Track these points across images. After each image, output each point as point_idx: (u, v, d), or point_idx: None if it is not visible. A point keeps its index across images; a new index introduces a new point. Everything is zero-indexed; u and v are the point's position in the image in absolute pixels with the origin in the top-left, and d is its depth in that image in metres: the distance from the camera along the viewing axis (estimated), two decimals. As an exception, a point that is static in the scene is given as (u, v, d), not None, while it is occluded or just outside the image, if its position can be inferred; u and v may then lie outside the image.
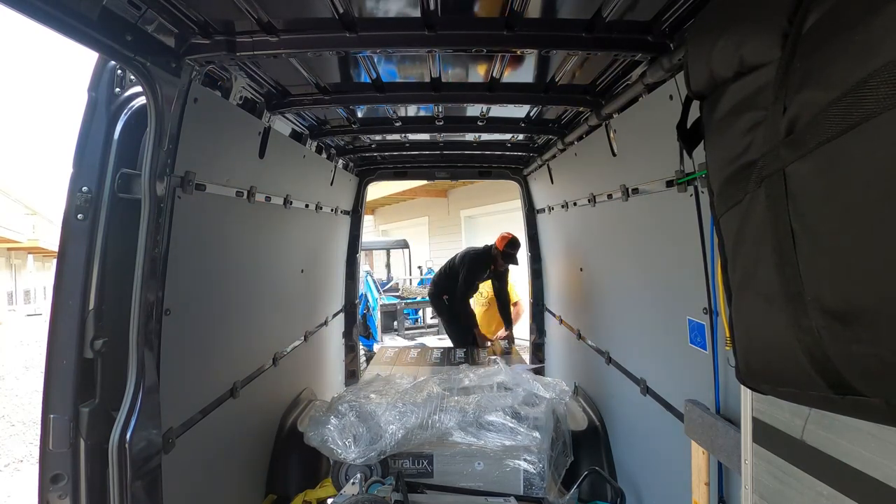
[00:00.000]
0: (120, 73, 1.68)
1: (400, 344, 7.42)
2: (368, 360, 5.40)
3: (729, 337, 1.34)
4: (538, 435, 2.49)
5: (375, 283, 8.57)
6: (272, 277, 2.92)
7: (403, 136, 3.59)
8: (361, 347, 5.87)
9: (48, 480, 1.57)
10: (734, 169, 0.97)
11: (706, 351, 1.80)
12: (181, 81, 1.74)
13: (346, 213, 4.61)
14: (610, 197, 2.73)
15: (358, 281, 5.06)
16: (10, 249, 21.74)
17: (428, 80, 2.41)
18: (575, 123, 3.02)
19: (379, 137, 3.66)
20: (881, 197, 0.68)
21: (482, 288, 5.51)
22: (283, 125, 2.89)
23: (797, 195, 0.82)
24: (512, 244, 4.89)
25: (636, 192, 2.38)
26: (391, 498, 2.11)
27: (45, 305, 21.87)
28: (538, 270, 4.89)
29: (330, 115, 3.04)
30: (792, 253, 0.83)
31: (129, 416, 1.61)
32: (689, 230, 1.85)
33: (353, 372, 4.89)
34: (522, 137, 3.65)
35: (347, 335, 4.87)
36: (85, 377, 1.61)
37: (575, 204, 3.44)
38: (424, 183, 9.60)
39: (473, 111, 3.04)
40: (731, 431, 1.55)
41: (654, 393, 2.30)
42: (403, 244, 11.50)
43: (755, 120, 0.91)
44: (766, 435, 1.22)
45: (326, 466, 2.72)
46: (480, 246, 5.24)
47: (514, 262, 4.97)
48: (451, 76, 2.44)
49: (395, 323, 8.75)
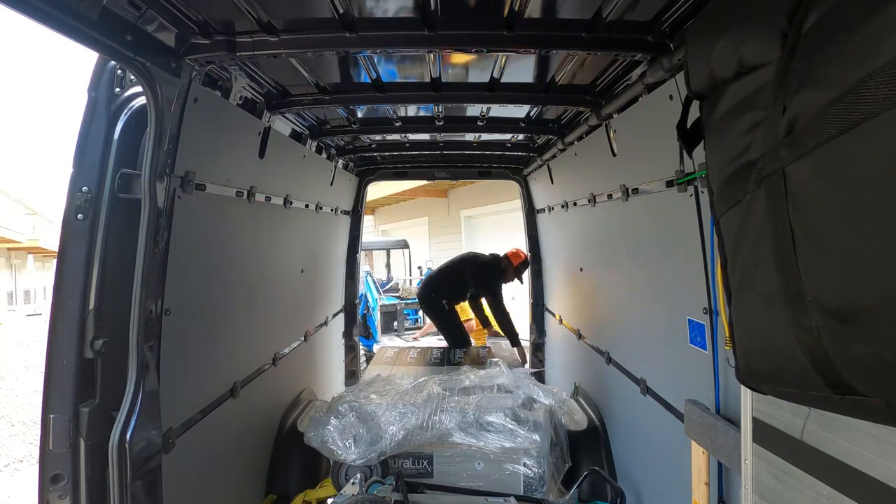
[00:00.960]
0: (120, 73, 1.68)
1: (401, 344, 7.42)
2: (368, 360, 5.40)
3: (729, 337, 1.34)
4: (538, 438, 2.49)
5: (375, 283, 8.57)
6: (272, 277, 2.93)
7: (403, 136, 3.59)
8: (361, 347, 5.87)
9: (48, 480, 1.57)
10: (734, 169, 0.97)
11: (706, 351, 1.80)
12: (181, 81, 1.74)
13: (346, 213, 4.61)
14: (610, 197, 2.73)
15: (358, 281, 5.07)
16: (10, 249, 21.74)
17: (428, 80, 2.41)
18: (575, 123, 3.03)
19: (379, 137, 3.66)
20: (881, 197, 0.68)
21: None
22: (283, 125, 2.89)
23: (797, 195, 0.82)
24: (526, 263, 4.88)
25: (636, 192, 2.38)
26: (391, 498, 2.11)
27: (45, 305, 21.86)
28: (538, 270, 4.89)
29: (330, 115, 3.04)
30: (792, 253, 0.83)
31: (129, 416, 1.61)
32: (689, 230, 1.85)
33: (353, 372, 4.89)
34: (522, 137, 3.65)
35: (347, 335, 4.88)
36: (85, 377, 1.62)
37: (575, 204, 3.44)
38: (424, 183, 9.59)
39: (473, 111, 3.04)
40: (731, 431, 1.55)
41: (654, 393, 2.30)
42: (403, 244, 11.50)
43: (755, 120, 0.91)
44: (766, 435, 1.22)
45: (326, 466, 2.72)
46: (486, 254, 5.12)
47: (521, 279, 4.95)
48: (451, 76, 2.44)
49: (395, 323, 8.75)
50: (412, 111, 3.07)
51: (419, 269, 11.00)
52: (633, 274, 2.60)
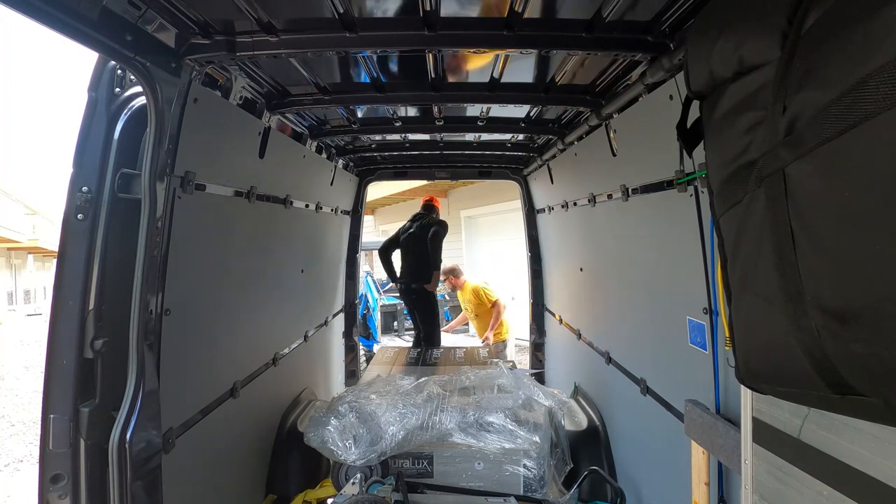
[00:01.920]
0: (120, 73, 1.68)
1: (401, 344, 7.42)
2: (368, 360, 5.40)
3: (729, 337, 1.34)
4: (538, 439, 2.49)
5: (375, 283, 8.57)
6: (272, 277, 2.93)
7: (403, 136, 3.59)
8: (361, 347, 5.87)
9: (48, 480, 1.57)
10: (734, 169, 0.97)
11: (706, 351, 1.80)
12: (181, 81, 1.74)
13: (346, 213, 4.61)
14: (610, 197, 2.73)
15: (358, 281, 5.07)
16: (10, 249, 21.76)
17: (428, 80, 2.41)
18: (575, 123, 3.03)
19: (379, 137, 3.66)
20: (880, 197, 0.68)
21: (465, 305, 5.76)
22: (283, 125, 2.89)
23: (796, 195, 0.82)
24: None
25: (636, 192, 2.38)
26: (391, 498, 2.11)
27: (45, 305, 21.87)
28: (538, 270, 4.89)
29: (330, 115, 3.04)
30: (791, 253, 0.83)
31: (129, 416, 1.61)
32: (689, 230, 1.85)
33: (353, 372, 4.89)
34: (522, 137, 3.65)
35: (347, 335, 4.88)
36: (85, 377, 1.62)
37: (575, 204, 3.44)
38: (424, 183, 9.58)
39: (473, 111, 3.04)
40: (731, 431, 1.55)
41: (654, 393, 2.30)
42: (403, 244, 11.46)
43: (755, 120, 0.91)
44: (766, 435, 1.22)
45: (326, 466, 2.71)
46: (424, 216, 5.34)
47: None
48: (451, 76, 2.44)
49: (395, 323, 8.75)
50: (412, 111, 3.07)
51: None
52: (633, 274, 2.60)
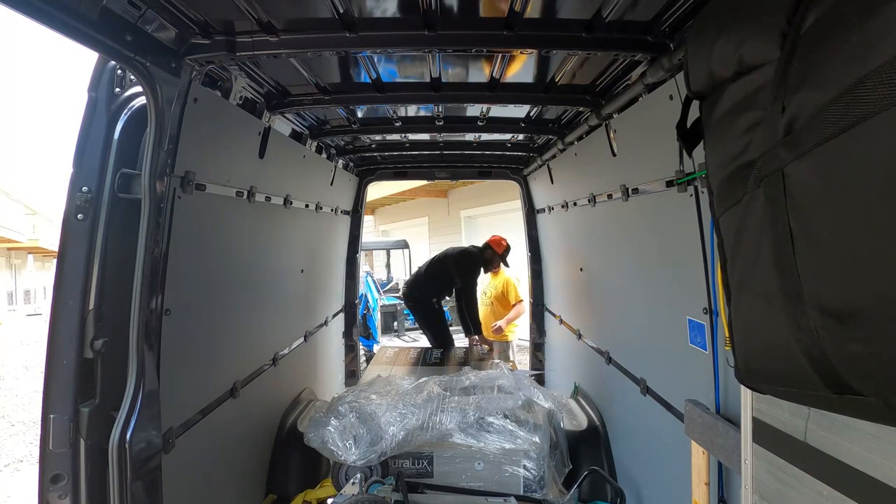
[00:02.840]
0: (120, 73, 1.68)
1: (401, 344, 7.42)
2: (368, 360, 5.40)
3: (728, 337, 1.34)
4: (538, 440, 2.49)
5: (375, 283, 8.57)
6: (272, 277, 2.93)
7: (403, 136, 3.59)
8: (361, 347, 5.88)
9: (48, 480, 1.57)
10: (733, 169, 0.97)
11: (706, 351, 1.80)
12: (181, 81, 1.74)
13: (346, 213, 4.61)
14: (610, 197, 2.73)
15: (358, 281, 5.07)
16: (10, 249, 21.77)
17: (428, 80, 2.41)
18: (575, 123, 3.03)
19: (379, 137, 3.66)
20: (879, 197, 0.68)
21: (486, 288, 5.64)
22: (283, 125, 2.89)
23: (796, 195, 0.82)
24: (509, 248, 5.25)
25: (636, 192, 2.38)
26: (391, 498, 2.11)
27: (45, 305, 21.87)
28: (538, 270, 4.89)
29: (330, 115, 3.04)
30: (790, 253, 0.83)
31: (129, 416, 1.61)
32: (689, 230, 1.85)
33: (353, 372, 4.89)
34: (522, 137, 3.65)
35: (347, 335, 4.88)
36: (85, 377, 1.61)
37: (575, 204, 3.44)
38: (424, 183, 9.59)
39: (473, 111, 3.04)
40: (731, 431, 1.55)
41: (654, 393, 2.30)
42: (403, 244, 11.50)
43: (754, 120, 0.91)
44: (766, 435, 1.22)
45: (326, 466, 2.71)
46: (465, 246, 5.38)
47: (507, 263, 5.30)
48: (451, 76, 2.44)
49: (395, 323, 8.75)
50: (412, 111, 3.07)
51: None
52: (633, 274, 2.60)
